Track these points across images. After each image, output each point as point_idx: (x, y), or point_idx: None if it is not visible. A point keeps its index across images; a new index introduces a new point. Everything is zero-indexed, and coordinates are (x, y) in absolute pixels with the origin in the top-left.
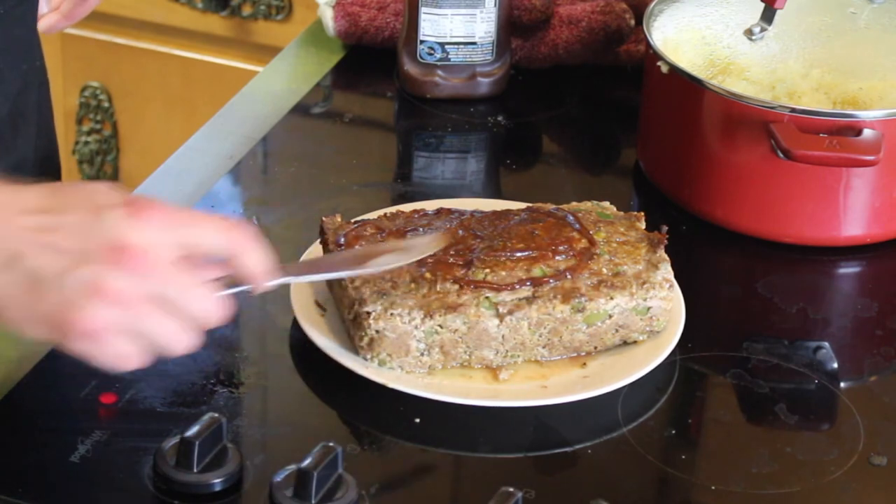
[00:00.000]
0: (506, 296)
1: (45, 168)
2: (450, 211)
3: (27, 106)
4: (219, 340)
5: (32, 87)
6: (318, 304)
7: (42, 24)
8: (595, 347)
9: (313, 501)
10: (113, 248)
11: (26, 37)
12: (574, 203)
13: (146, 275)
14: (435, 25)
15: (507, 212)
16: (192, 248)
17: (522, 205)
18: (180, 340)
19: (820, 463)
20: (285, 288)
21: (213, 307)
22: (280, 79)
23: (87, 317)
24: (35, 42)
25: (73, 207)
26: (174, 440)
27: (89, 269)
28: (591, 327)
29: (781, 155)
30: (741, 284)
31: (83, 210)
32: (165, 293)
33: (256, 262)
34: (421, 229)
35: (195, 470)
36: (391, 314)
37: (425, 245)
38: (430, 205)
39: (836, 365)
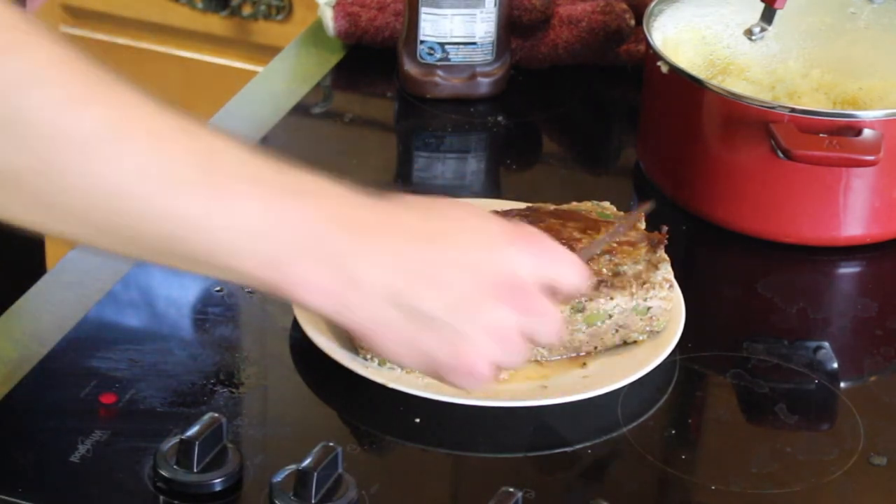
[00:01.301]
0: None
1: None
2: None
3: None
4: (219, 340)
5: None
6: None
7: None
8: (595, 347)
9: (313, 501)
10: (504, 285)
11: None
12: (574, 203)
13: (527, 312)
14: (435, 25)
15: (507, 212)
16: (555, 285)
17: (522, 205)
18: (523, 357)
19: (820, 463)
20: None
21: (558, 328)
22: (280, 79)
23: (475, 357)
24: None
25: (458, 236)
26: (174, 440)
27: (481, 309)
28: (591, 327)
29: (781, 155)
30: (741, 284)
31: (470, 241)
32: (532, 323)
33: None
34: None
35: (195, 470)
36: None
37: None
38: None
39: (836, 365)
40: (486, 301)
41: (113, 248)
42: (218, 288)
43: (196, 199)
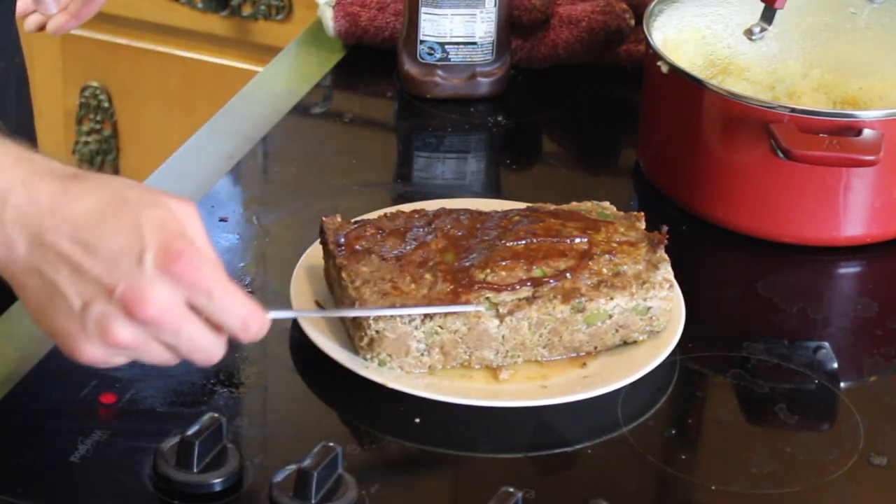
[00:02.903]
0: (506, 296)
1: None
2: (450, 211)
3: (6, 104)
4: None
5: (12, 85)
6: (318, 304)
7: (51, 25)
8: (595, 347)
9: (313, 501)
10: (132, 297)
11: (4, 35)
12: (574, 203)
13: (158, 329)
14: (435, 25)
15: (507, 212)
16: (207, 316)
17: (522, 205)
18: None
19: (820, 463)
20: (285, 288)
21: (211, 354)
22: (280, 79)
23: (88, 350)
24: (14, 40)
25: (117, 235)
26: (174, 440)
27: (105, 309)
28: (591, 327)
29: (781, 155)
30: (741, 284)
31: (125, 243)
32: (169, 341)
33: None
34: (421, 229)
35: (195, 470)
36: (391, 314)
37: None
38: (430, 205)
39: (836, 365)
40: (117, 309)
41: None
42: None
43: None
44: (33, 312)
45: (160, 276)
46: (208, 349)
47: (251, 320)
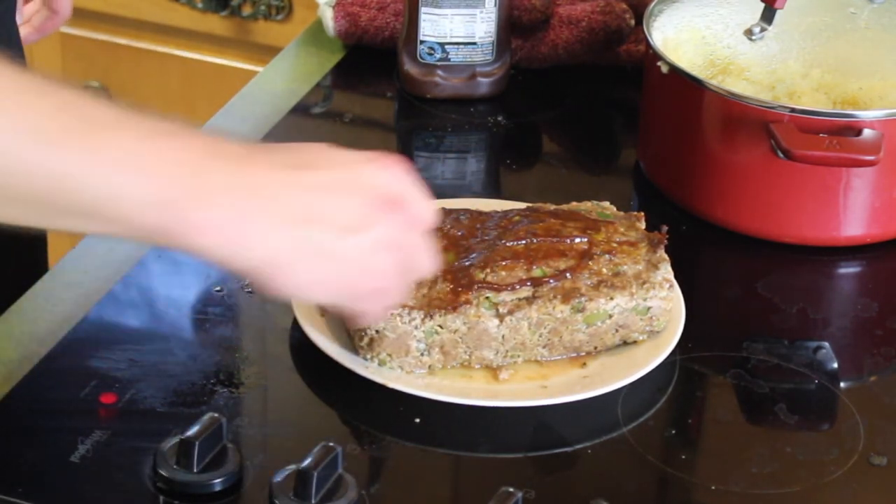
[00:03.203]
0: (506, 296)
1: None
2: (450, 211)
3: None
4: (219, 340)
5: None
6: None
7: None
8: (595, 347)
9: (313, 501)
10: (386, 200)
11: (5, 35)
12: (574, 203)
13: (410, 224)
14: (435, 25)
15: (507, 212)
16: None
17: (522, 205)
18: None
19: (820, 463)
20: None
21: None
22: (280, 79)
23: (380, 273)
24: (15, 40)
25: (325, 162)
26: (174, 440)
27: (372, 225)
28: (591, 327)
29: (781, 155)
30: (741, 284)
31: (338, 164)
32: (415, 243)
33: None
34: None
35: (195, 470)
36: (391, 314)
37: None
38: None
39: (836, 365)
40: (373, 216)
41: (8, 217)
42: (218, 288)
43: (70, 150)
44: (299, 278)
45: (394, 176)
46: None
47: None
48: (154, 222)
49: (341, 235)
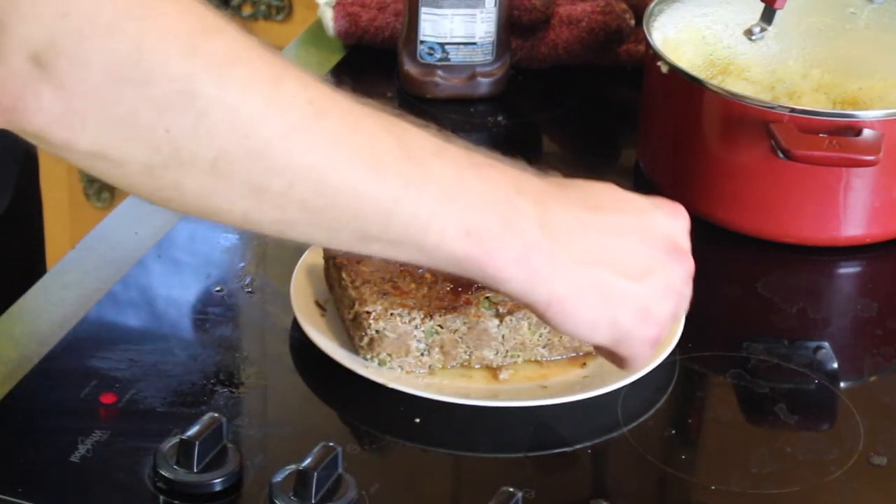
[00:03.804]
0: (506, 296)
1: (25, 166)
2: None
3: None
4: (219, 340)
5: None
6: (318, 304)
7: None
8: None
9: (313, 501)
10: (673, 248)
11: None
12: None
13: (690, 270)
14: (435, 25)
15: None
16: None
17: None
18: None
19: (820, 463)
20: (285, 288)
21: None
22: None
23: (660, 318)
24: None
25: (618, 205)
26: (174, 440)
27: (660, 271)
28: None
29: (781, 155)
30: (741, 284)
31: (630, 209)
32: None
33: None
34: None
35: (195, 470)
36: (391, 314)
37: None
38: None
39: (836, 365)
40: (662, 263)
41: (318, 236)
42: (218, 288)
43: (395, 173)
44: (587, 316)
45: (679, 225)
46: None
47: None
48: (461, 254)
49: (630, 279)
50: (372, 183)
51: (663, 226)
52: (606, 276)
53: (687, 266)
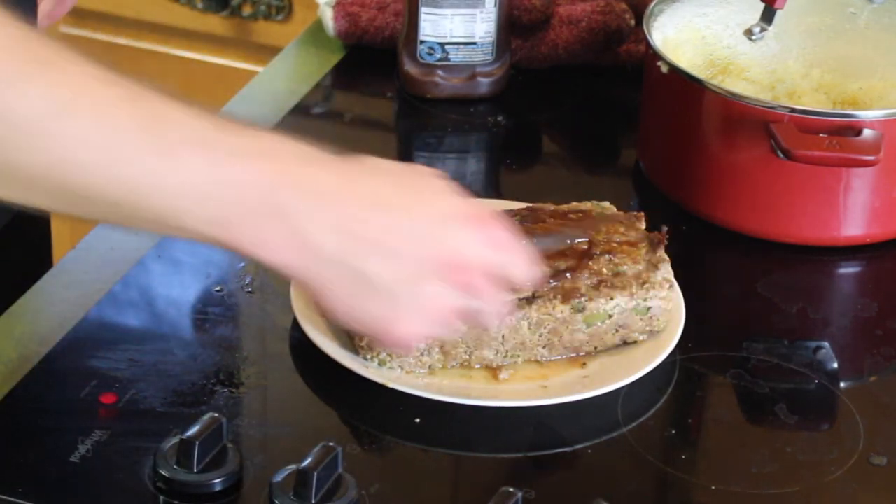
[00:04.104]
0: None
1: None
2: None
3: None
4: (219, 340)
5: None
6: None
7: None
8: (595, 347)
9: (313, 501)
10: (452, 264)
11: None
12: (574, 203)
13: (469, 293)
14: (435, 25)
15: (508, 212)
16: (503, 274)
17: (522, 205)
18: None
19: (820, 463)
20: (285, 288)
21: (502, 320)
22: (280, 79)
23: (410, 329)
24: (32, 21)
25: (413, 208)
26: (174, 440)
27: (423, 282)
28: (591, 327)
29: (781, 155)
30: (741, 284)
31: (424, 214)
32: (478, 309)
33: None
34: None
35: (195, 470)
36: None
37: None
38: None
39: (836, 365)
40: (429, 275)
41: (77, 214)
42: (218, 288)
43: (141, 165)
44: (340, 306)
45: (473, 243)
46: (500, 309)
47: (534, 273)
48: (216, 236)
49: (390, 279)
50: (116, 174)
51: (456, 241)
52: (360, 273)
53: (463, 288)
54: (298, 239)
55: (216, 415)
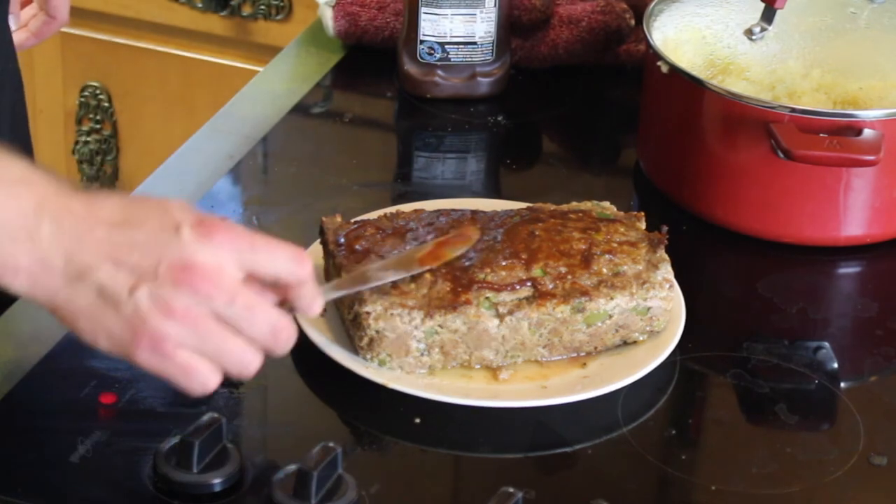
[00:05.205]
0: (506, 296)
1: None
2: (449, 211)
3: (1, 109)
4: None
5: (6, 89)
6: None
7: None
8: (595, 347)
9: (313, 501)
10: (181, 266)
11: None
12: (574, 203)
13: (211, 294)
14: (435, 25)
15: (507, 212)
16: (257, 272)
17: (522, 205)
18: (247, 360)
19: (820, 463)
20: None
21: (278, 327)
22: (280, 79)
23: (152, 334)
24: (8, 45)
25: (147, 222)
26: (174, 440)
27: (157, 287)
28: (591, 327)
29: (781, 155)
30: (741, 284)
31: (157, 226)
32: (230, 312)
33: (310, 294)
34: (421, 229)
35: (195, 470)
36: (391, 314)
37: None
38: (430, 205)
39: (836, 365)
40: (167, 282)
41: None
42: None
43: None
44: (85, 328)
45: (202, 244)
46: (267, 313)
47: (301, 258)
48: None
49: (127, 290)
50: None
51: (191, 248)
52: (99, 288)
53: (205, 294)
54: (42, 262)
55: (216, 415)
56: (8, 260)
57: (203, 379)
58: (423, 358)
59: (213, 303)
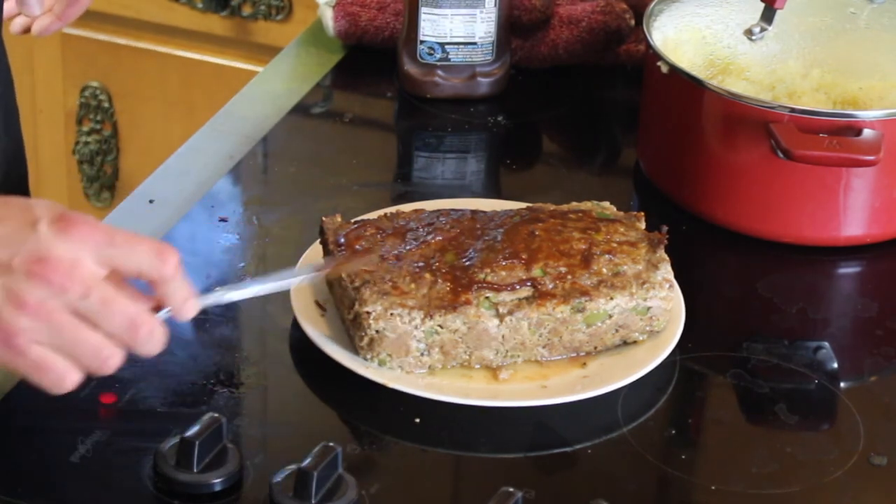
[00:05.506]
0: (506, 296)
1: (11, 169)
2: (449, 211)
3: None
4: (219, 340)
5: None
6: (318, 304)
7: (36, 27)
8: (595, 347)
9: (313, 501)
10: (36, 259)
11: None
12: (574, 203)
13: (66, 287)
14: (435, 25)
15: (507, 212)
16: (118, 267)
17: (522, 205)
18: (104, 355)
19: (820, 463)
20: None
21: (137, 322)
22: (280, 79)
23: (4, 327)
24: None
25: (7, 220)
26: (174, 440)
27: (11, 280)
28: (591, 327)
29: (781, 155)
30: (741, 284)
31: (16, 222)
32: (86, 305)
33: (181, 292)
34: (421, 229)
35: (195, 470)
36: (391, 314)
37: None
38: (430, 205)
39: (836, 365)
40: (20, 276)
41: None
42: (218, 288)
43: None
44: None
45: (59, 238)
46: (126, 309)
47: (164, 253)
48: None
49: None
50: None
51: (45, 241)
52: None
53: (58, 286)
54: None
55: (216, 415)
56: None
57: (58, 375)
58: (423, 358)
59: (68, 296)
